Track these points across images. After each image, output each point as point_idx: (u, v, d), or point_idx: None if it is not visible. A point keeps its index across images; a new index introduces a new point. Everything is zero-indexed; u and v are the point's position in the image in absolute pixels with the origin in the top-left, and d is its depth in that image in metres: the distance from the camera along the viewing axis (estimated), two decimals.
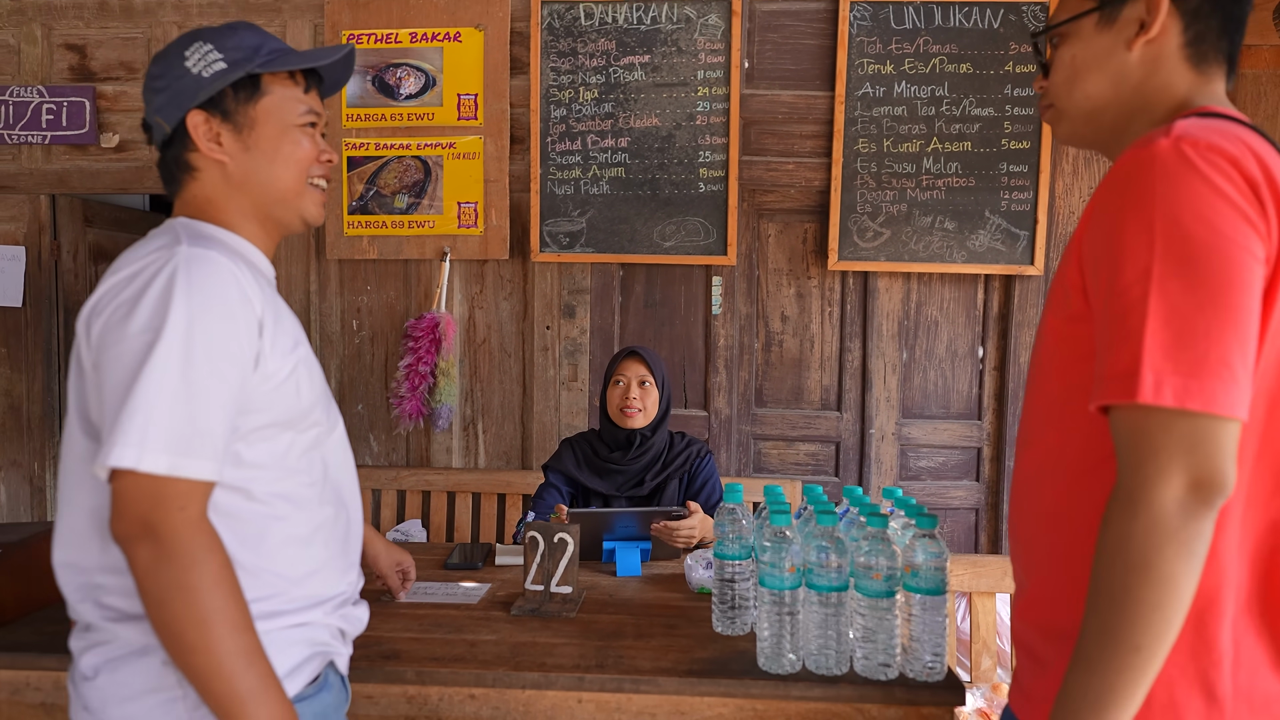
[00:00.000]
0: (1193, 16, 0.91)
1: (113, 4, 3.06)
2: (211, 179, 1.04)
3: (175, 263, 0.91)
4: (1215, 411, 0.76)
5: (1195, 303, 0.77)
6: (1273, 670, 0.87)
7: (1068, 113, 0.99)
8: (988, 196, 2.81)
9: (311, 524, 1.04)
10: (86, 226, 3.39)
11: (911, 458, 2.96)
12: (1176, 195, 0.78)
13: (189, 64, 1.01)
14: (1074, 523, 0.91)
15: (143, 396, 0.86)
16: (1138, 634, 0.77)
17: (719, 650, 1.41)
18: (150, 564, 0.86)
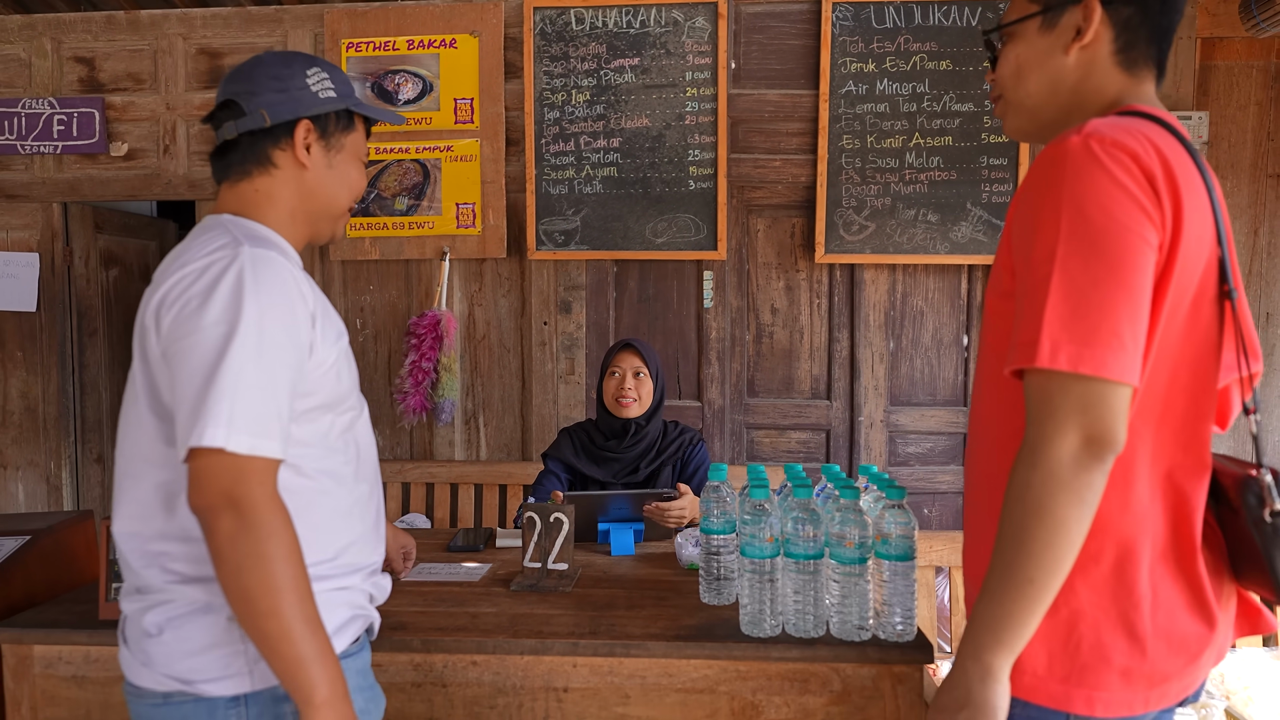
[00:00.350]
0: (1123, 26, 1.00)
1: (120, 18, 3.16)
2: (285, 179, 1.15)
3: (242, 261, 1.01)
4: (1106, 376, 0.85)
5: (1091, 280, 0.86)
6: (1188, 611, 0.96)
7: (1013, 105, 1.08)
8: (969, 189, 2.89)
9: (350, 498, 1.14)
10: (97, 233, 3.50)
11: (900, 444, 3.05)
12: (1081, 185, 0.88)
13: (310, 82, 1.15)
14: (1003, 475, 1.00)
15: (227, 382, 0.95)
16: (1031, 568, 0.87)
17: (705, 618, 1.51)
18: (231, 534, 0.95)
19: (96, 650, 1.51)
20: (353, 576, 1.13)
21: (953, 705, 0.93)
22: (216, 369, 0.96)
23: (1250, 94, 2.89)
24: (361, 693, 1.13)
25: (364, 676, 1.16)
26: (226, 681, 1.03)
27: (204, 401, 0.95)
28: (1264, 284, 2.95)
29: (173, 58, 3.16)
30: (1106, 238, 0.87)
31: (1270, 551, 0.96)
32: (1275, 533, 0.95)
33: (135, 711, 1.08)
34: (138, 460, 1.07)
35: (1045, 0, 1.02)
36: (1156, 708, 0.98)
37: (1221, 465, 1.02)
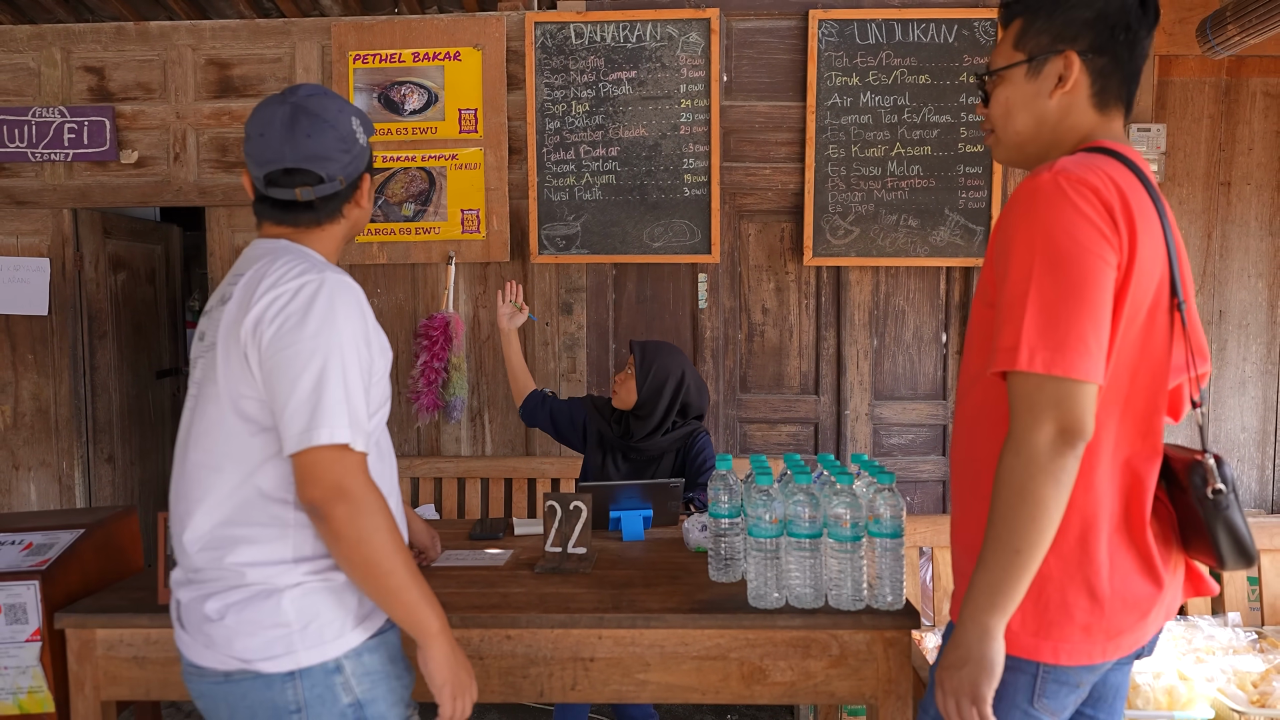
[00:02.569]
0: (1098, 73, 1.17)
1: (129, 29, 3.25)
2: (344, 225, 1.32)
3: (330, 284, 1.17)
4: (1075, 376, 1.03)
5: (1060, 295, 1.04)
6: (1140, 574, 1.14)
7: (1003, 141, 1.25)
8: (947, 195, 3.08)
9: (387, 488, 1.28)
10: (105, 238, 3.59)
11: (884, 435, 3.24)
12: (1051, 216, 1.06)
13: (359, 137, 1.29)
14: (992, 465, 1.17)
15: (334, 387, 1.11)
16: (1018, 541, 1.05)
17: (715, 594, 1.67)
18: (347, 517, 1.11)
19: (157, 633, 1.64)
20: None
21: (957, 663, 1.09)
22: (323, 376, 1.11)
23: (1203, 108, 3.10)
24: (397, 664, 1.26)
25: (397, 649, 1.28)
26: (283, 659, 1.16)
27: (317, 405, 1.10)
28: (1217, 284, 3.17)
29: (182, 68, 3.25)
30: (1072, 260, 1.04)
31: (1212, 523, 1.14)
32: (1216, 508, 1.13)
33: (197, 689, 1.22)
34: (220, 457, 1.19)
35: (1030, 50, 1.18)
36: (1112, 658, 1.16)
37: (1173, 451, 1.20)
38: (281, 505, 1.18)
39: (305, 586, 1.18)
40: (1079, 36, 1.15)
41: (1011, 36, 1.21)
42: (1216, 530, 1.13)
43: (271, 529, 1.17)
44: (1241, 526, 1.13)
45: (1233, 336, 3.17)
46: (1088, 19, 1.15)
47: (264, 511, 1.18)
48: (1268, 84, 3.09)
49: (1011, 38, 1.21)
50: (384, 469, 1.29)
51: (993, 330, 1.14)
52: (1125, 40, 1.15)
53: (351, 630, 1.20)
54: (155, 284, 4.01)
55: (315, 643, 1.17)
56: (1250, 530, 1.14)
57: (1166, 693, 1.72)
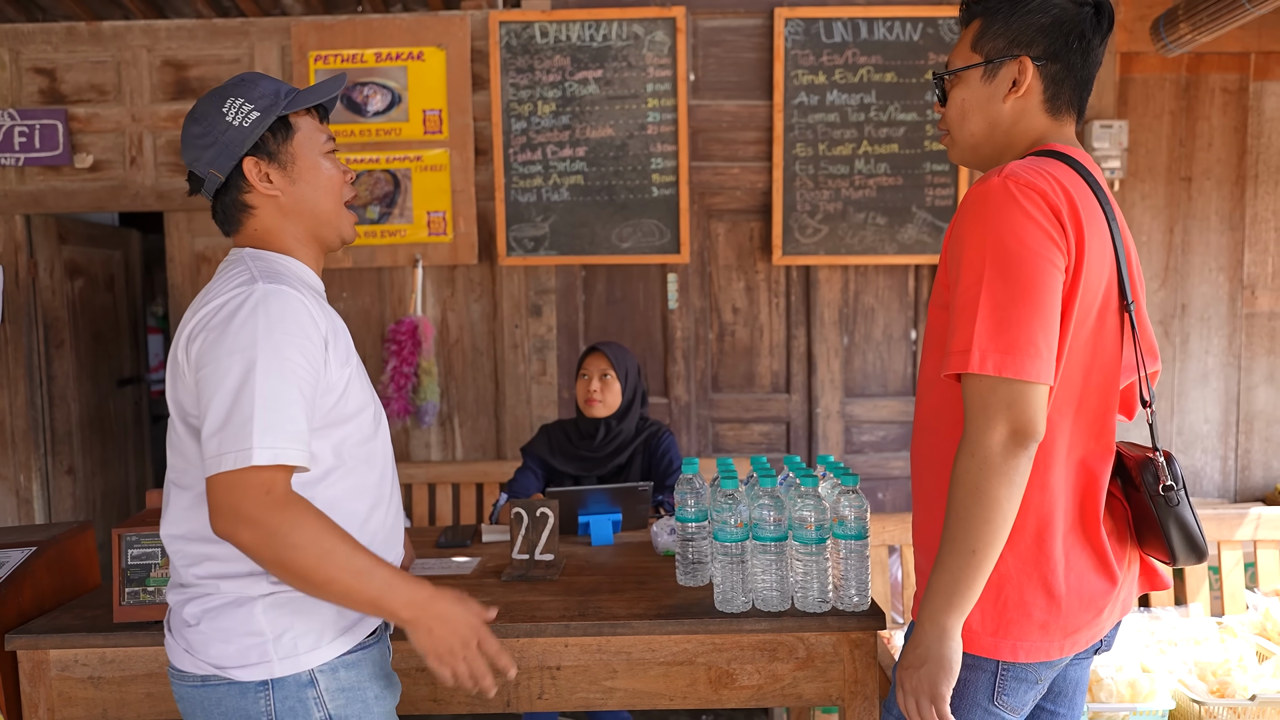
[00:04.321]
0: (1051, 79, 1.18)
1: (81, 29, 3.17)
2: (268, 213, 1.22)
3: (256, 297, 1.10)
4: (1025, 378, 1.04)
5: (1010, 298, 1.04)
6: (1095, 571, 1.15)
7: (958, 142, 1.25)
8: (914, 193, 3.10)
9: (368, 504, 1.24)
10: (61, 244, 3.50)
11: (855, 433, 3.25)
12: (1001, 220, 1.06)
13: (229, 118, 1.17)
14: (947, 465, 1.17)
15: (245, 407, 1.05)
16: (973, 541, 1.05)
17: (683, 599, 1.66)
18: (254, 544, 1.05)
19: (112, 652, 1.60)
20: None
21: (916, 662, 1.10)
22: (237, 394, 1.06)
23: (1164, 104, 3.14)
24: (377, 681, 1.24)
25: (381, 667, 1.26)
26: (256, 668, 1.14)
27: (223, 428, 1.06)
28: (1179, 278, 3.21)
29: (137, 69, 3.18)
30: (1021, 264, 1.05)
31: (1164, 519, 1.15)
32: (1168, 504, 1.15)
33: (178, 692, 1.20)
34: (180, 472, 1.18)
35: (987, 53, 1.19)
36: (1070, 654, 1.17)
37: (1126, 449, 1.21)
38: None
39: (277, 597, 1.15)
40: (1034, 42, 1.16)
41: (970, 37, 1.21)
42: (1169, 526, 1.15)
43: None
44: (1192, 522, 1.15)
45: (1195, 330, 3.22)
46: (1043, 25, 1.15)
47: None
48: (1226, 80, 3.14)
49: (970, 39, 1.21)
50: (367, 478, 1.23)
51: (946, 333, 1.14)
52: (1079, 48, 1.16)
53: (329, 643, 1.18)
54: (115, 290, 3.92)
55: (289, 654, 1.15)
56: (1201, 526, 1.16)
57: (1129, 685, 1.74)
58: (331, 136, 1.27)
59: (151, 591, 1.64)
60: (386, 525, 1.28)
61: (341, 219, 1.27)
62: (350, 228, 1.29)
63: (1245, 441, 3.23)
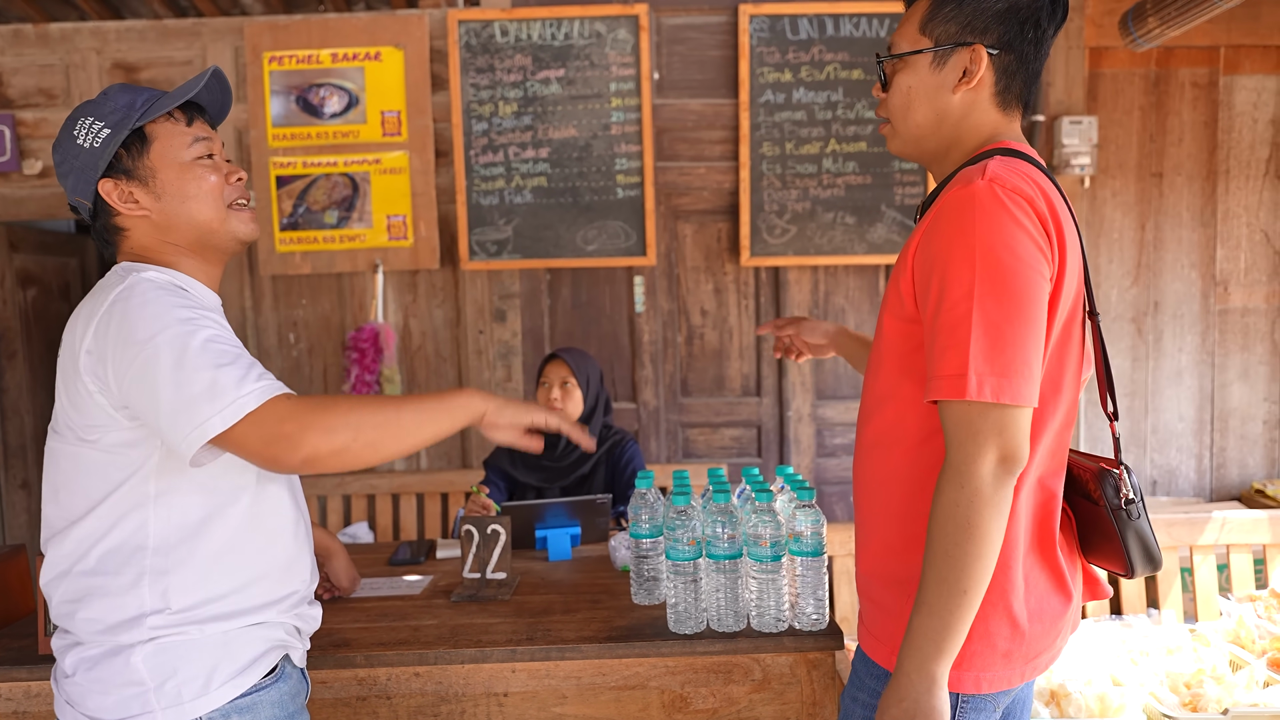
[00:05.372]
0: (1003, 71, 1.11)
1: (28, 31, 3.07)
2: (141, 232, 1.14)
3: (131, 280, 1.06)
4: (1019, 403, 0.97)
5: (1005, 316, 0.97)
6: (1054, 591, 1.10)
7: (900, 133, 1.17)
8: (883, 192, 3.05)
9: (263, 529, 1.16)
10: (13, 252, 3.40)
11: (827, 436, 3.20)
12: (990, 229, 0.98)
13: (79, 140, 1.09)
14: (909, 485, 1.11)
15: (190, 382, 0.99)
16: (965, 580, 0.97)
17: (636, 619, 1.60)
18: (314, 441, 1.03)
19: (37, 685, 1.52)
20: (267, 611, 1.15)
21: (903, 717, 1.00)
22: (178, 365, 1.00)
23: (1134, 99, 3.11)
24: None
25: (282, 708, 1.17)
26: (139, 719, 1.06)
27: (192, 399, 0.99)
28: (1151, 275, 3.18)
29: (86, 72, 3.08)
30: (1015, 277, 0.97)
31: (1124, 533, 1.10)
32: (1129, 517, 1.09)
33: None
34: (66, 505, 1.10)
35: (937, 38, 1.10)
36: (1030, 679, 1.12)
37: (1074, 460, 1.15)
38: (138, 552, 1.08)
39: (160, 642, 1.08)
40: (988, 29, 1.09)
41: (917, 18, 1.13)
42: (1128, 540, 1.10)
43: (124, 578, 1.08)
44: (1150, 534, 1.11)
45: (1168, 327, 3.19)
46: (999, 11, 1.08)
47: (115, 559, 1.08)
48: (1196, 75, 3.11)
49: (917, 20, 1.12)
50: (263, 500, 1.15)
51: (922, 351, 1.07)
52: (1033, 38, 1.10)
53: (218, 688, 1.10)
54: (70, 299, 3.82)
55: (173, 702, 1.07)
56: (1156, 536, 1.11)
57: (1098, 699, 1.69)
58: (205, 137, 1.16)
59: None
60: (288, 552, 1.20)
61: (229, 222, 1.17)
62: (246, 227, 1.19)
63: (1220, 439, 3.21)
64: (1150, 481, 3.20)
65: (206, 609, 1.10)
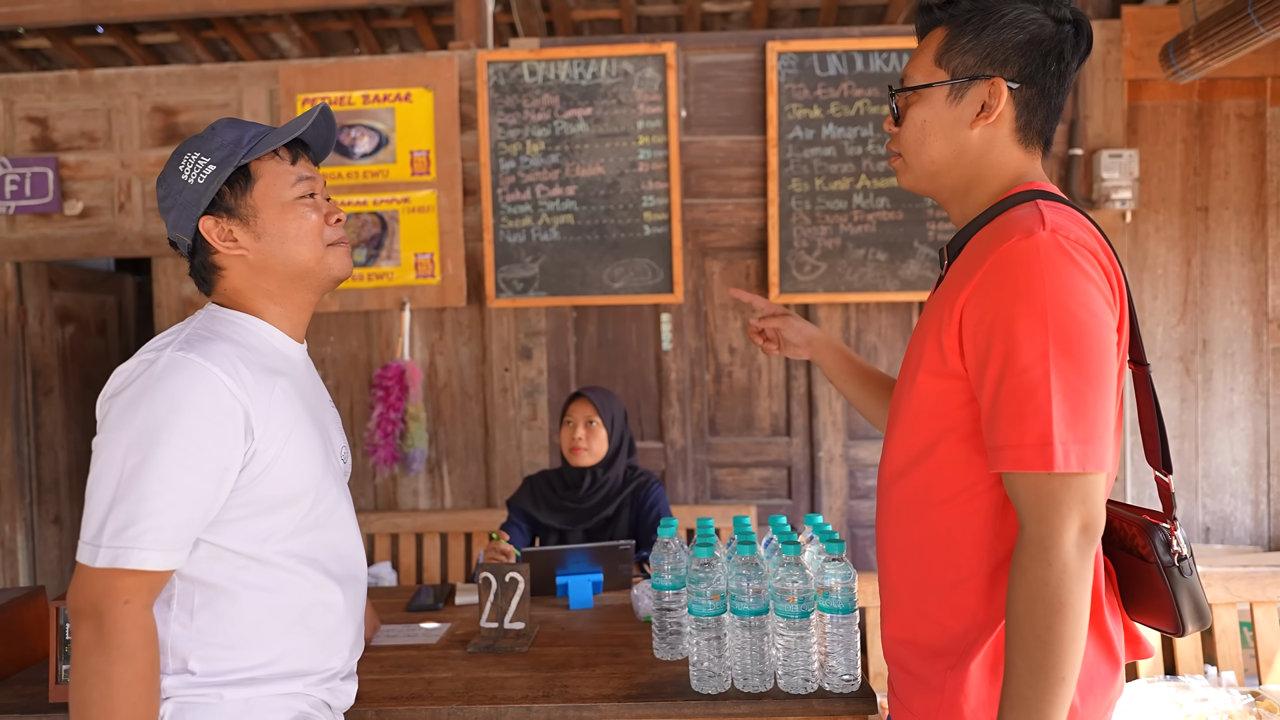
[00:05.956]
0: (1024, 106, 1.05)
1: (73, 78, 3.17)
2: (238, 273, 1.12)
3: (155, 370, 1.00)
4: (1101, 470, 0.91)
5: (1084, 379, 0.90)
6: (1103, 658, 1.02)
7: (913, 168, 1.11)
8: (915, 228, 2.98)
9: (306, 601, 1.11)
10: (52, 290, 3.48)
11: (860, 478, 3.11)
12: (1061, 285, 0.91)
13: (184, 176, 1.08)
14: (951, 549, 1.03)
15: (103, 496, 0.98)
16: (1063, 666, 0.89)
17: (657, 675, 1.53)
18: (85, 645, 0.97)
19: None
20: (295, 682, 1.11)
21: None
22: (100, 482, 0.98)
23: (1176, 131, 3.02)
24: None
25: None
26: None
27: (87, 511, 0.99)
28: (1199, 312, 3.06)
29: (127, 116, 3.17)
30: (1091, 335, 0.91)
31: (1176, 591, 1.01)
32: (1181, 574, 1.01)
33: None
34: None
35: (954, 70, 1.05)
36: None
37: (1114, 511, 1.07)
38: (161, 607, 1.06)
39: (177, 701, 1.05)
40: (1008, 62, 1.03)
41: (932, 50, 1.07)
42: (1180, 598, 1.02)
43: None
44: (1201, 591, 1.03)
45: (1219, 366, 3.06)
46: (1020, 42, 1.03)
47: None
48: (1241, 106, 3.02)
49: (933, 51, 1.07)
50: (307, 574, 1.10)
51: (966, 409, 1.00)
52: (1056, 71, 1.04)
53: None
54: (106, 335, 3.89)
55: None
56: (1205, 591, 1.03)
57: None
58: (308, 176, 1.13)
59: None
60: (328, 625, 1.15)
61: (326, 262, 1.13)
62: (341, 264, 1.15)
63: (1278, 484, 3.05)
64: (1203, 528, 3.04)
65: (230, 675, 1.06)
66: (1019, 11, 1.03)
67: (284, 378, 1.10)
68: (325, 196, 1.17)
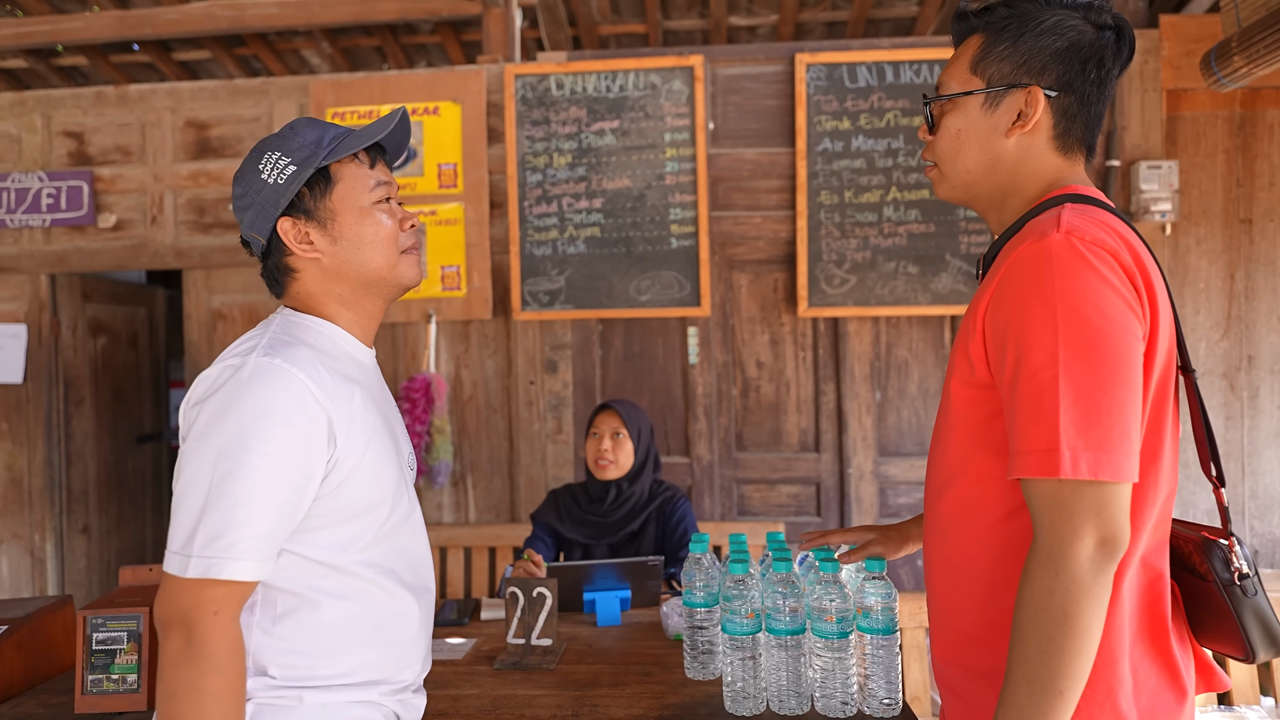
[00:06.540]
0: (1062, 114, 1.02)
1: (109, 93, 3.22)
2: (311, 276, 1.10)
3: (241, 376, 0.99)
4: (1118, 480, 0.86)
5: (1097, 382, 0.86)
6: (1167, 688, 0.96)
7: (948, 178, 1.08)
8: (947, 241, 2.93)
9: (382, 611, 1.10)
10: (85, 302, 3.52)
11: (891, 495, 3.04)
12: (1073, 287, 0.88)
13: (264, 175, 1.06)
14: (991, 568, 0.99)
15: (189, 505, 0.96)
16: (1061, 680, 0.85)
17: (689, 695, 1.48)
18: (175, 657, 0.95)
19: None
20: (371, 690, 1.10)
21: None
22: (189, 490, 0.97)
23: (1218, 142, 2.95)
24: None
25: None
26: None
27: (175, 521, 0.97)
28: (1244, 327, 2.97)
29: (161, 130, 3.21)
30: (1105, 339, 0.87)
31: (1241, 612, 0.96)
32: (1244, 594, 0.96)
33: None
34: None
35: (989, 78, 1.02)
36: None
37: (1173, 529, 1.02)
38: (246, 611, 1.05)
39: (258, 703, 1.04)
40: (1046, 69, 1.00)
41: (968, 58, 1.05)
42: (1246, 619, 0.96)
43: None
44: (1270, 612, 0.97)
45: (1265, 383, 2.96)
46: (1058, 50, 1.00)
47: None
48: None
49: (968, 59, 1.05)
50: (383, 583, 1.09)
51: (998, 419, 0.97)
52: (1096, 78, 1.00)
53: None
54: (137, 347, 3.93)
55: None
56: (1276, 613, 0.97)
57: None
58: (386, 181, 1.12)
59: (116, 679, 1.52)
60: (405, 636, 1.14)
61: (398, 269, 1.12)
62: (412, 272, 1.14)
63: None
64: (1250, 552, 2.93)
65: (309, 681, 1.05)
66: (1058, 18, 1.00)
67: (359, 385, 1.10)
68: (398, 202, 1.16)
